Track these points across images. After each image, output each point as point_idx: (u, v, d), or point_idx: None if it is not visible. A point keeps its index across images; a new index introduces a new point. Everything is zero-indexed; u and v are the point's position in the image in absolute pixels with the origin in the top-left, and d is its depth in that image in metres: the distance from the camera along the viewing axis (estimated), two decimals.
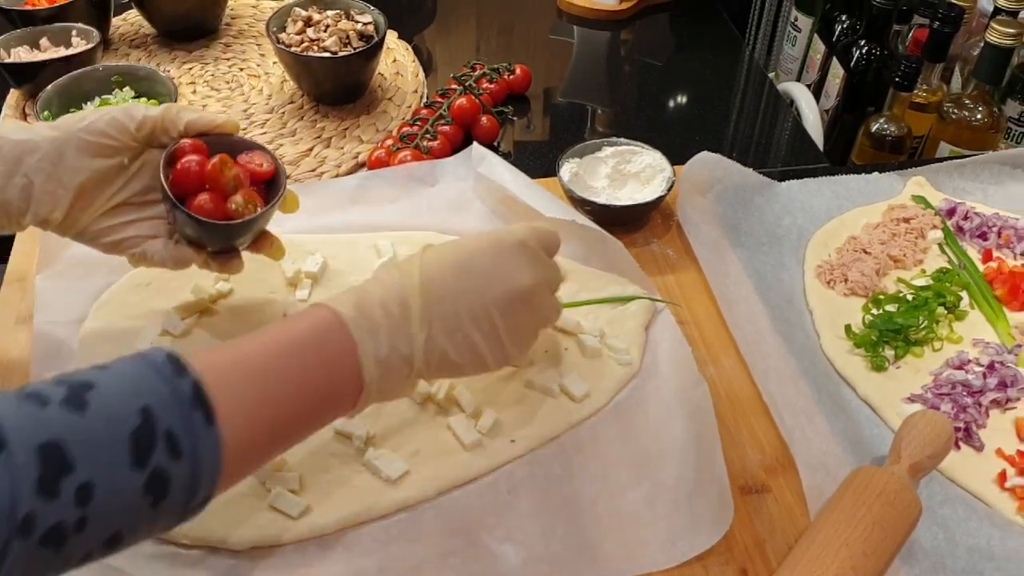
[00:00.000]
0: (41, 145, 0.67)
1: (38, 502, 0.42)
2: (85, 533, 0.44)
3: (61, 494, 0.43)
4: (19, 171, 0.67)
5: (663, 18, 1.43)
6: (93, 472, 0.44)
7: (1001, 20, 1.02)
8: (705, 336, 0.83)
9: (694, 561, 0.65)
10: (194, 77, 1.20)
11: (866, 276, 0.88)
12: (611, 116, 1.22)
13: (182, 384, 0.48)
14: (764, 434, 0.74)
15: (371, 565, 0.64)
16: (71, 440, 0.44)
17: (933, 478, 0.72)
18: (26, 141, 0.67)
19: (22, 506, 0.42)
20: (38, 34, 1.12)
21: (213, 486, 0.50)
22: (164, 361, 0.49)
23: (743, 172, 0.96)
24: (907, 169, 1.03)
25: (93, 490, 0.44)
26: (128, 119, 0.69)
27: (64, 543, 0.44)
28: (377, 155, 1.04)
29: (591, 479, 0.70)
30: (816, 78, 1.37)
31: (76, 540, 0.44)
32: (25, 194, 0.67)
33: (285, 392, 0.54)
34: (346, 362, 0.57)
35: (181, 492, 0.48)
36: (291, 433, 0.56)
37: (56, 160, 0.67)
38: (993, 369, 0.80)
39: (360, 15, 1.13)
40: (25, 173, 0.67)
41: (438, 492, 0.69)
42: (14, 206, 0.67)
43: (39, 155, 0.67)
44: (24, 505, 0.42)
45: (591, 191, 0.93)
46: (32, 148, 0.67)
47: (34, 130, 0.68)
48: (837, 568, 0.60)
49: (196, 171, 0.70)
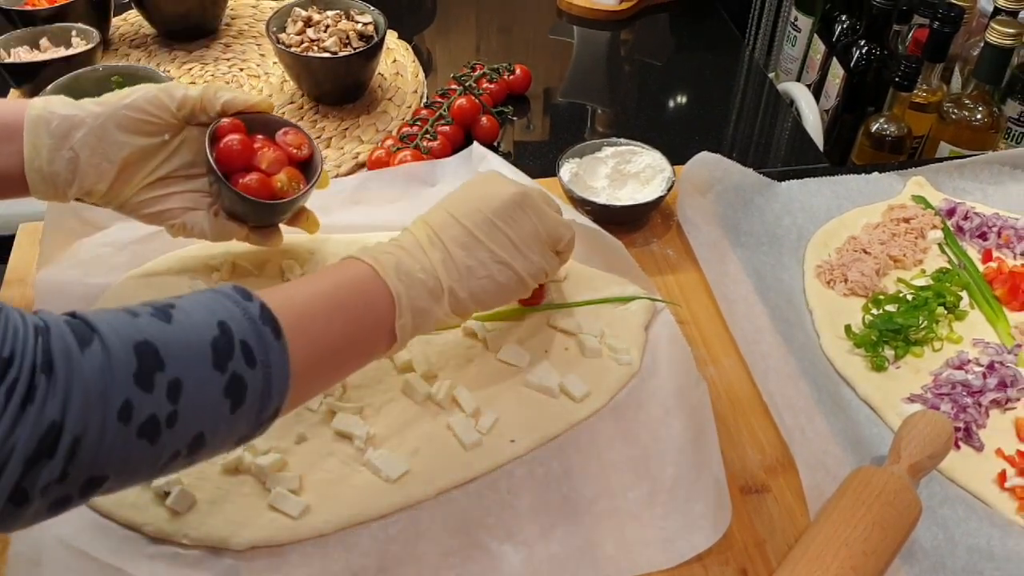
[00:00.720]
0: (87, 120, 0.71)
1: (136, 392, 0.46)
2: (175, 429, 0.48)
3: (155, 388, 0.47)
4: (66, 145, 0.70)
5: (663, 18, 1.43)
6: (182, 371, 0.48)
7: (1001, 20, 1.02)
8: (705, 336, 0.83)
9: (693, 561, 0.65)
10: (194, 77, 1.20)
11: (866, 276, 0.88)
12: (611, 116, 1.22)
13: (251, 307, 0.53)
14: (764, 434, 0.74)
15: (371, 565, 0.64)
16: (161, 342, 0.48)
17: (933, 478, 0.72)
18: (73, 116, 0.70)
19: (119, 392, 0.45)
20: (38, 34, 1.12)
21: (283, 398, 0.54)
22: (232, 290, 0.54)
23: (743, 172, 0.96)
24: (907, 169, 1.03)
25: (183, 387, 0.48)
26: (169, 98, 0.73)
27: (158, 436, 0.47)
28: (377, 155, 1.04)
29: (591, 479, 0.70)
30: (816, 78, 1.37)
31: (168, 435, 0.48)
32: (72, 166, 0.71)
33: (332, 320, 0.58)
34: (372, 282, 0.63)
35: (256, 398, 0.52)
36: (346, 357, 0.61)
37: (101, 135, 0.71)
38: (993, 369, 0.80)
39: (360, 15, 1.13)
40: (72, 147, 0.70)
41: (438, 492, 0.69)
42: (61, 178, 0.71)
43: (85, 130, 0.70)
44: (122, 392, 0.45)
45: (591, 191, 0.93)
46: (79, 123, 0.70)
47: (80, 106, 0.72)
48: (837, 568, 0.60)
49: (239, 150, 0.75)
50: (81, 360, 0.45)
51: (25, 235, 0.89)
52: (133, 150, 0.72)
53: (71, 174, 0.71)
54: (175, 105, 0.73)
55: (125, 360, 0.46)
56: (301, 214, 0.82)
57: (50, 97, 0.72)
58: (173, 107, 0.73)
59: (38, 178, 0.70)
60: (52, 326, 0.45)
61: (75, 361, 0.44)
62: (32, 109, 0.70)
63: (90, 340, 0.46)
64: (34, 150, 0.70)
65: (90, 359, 0.45)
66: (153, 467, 0.49)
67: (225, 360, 0.50)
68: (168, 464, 0.50)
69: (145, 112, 0.72)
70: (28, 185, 0.71)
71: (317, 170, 0.79)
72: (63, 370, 0.44)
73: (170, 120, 0.73)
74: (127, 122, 0.71)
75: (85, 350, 0.45)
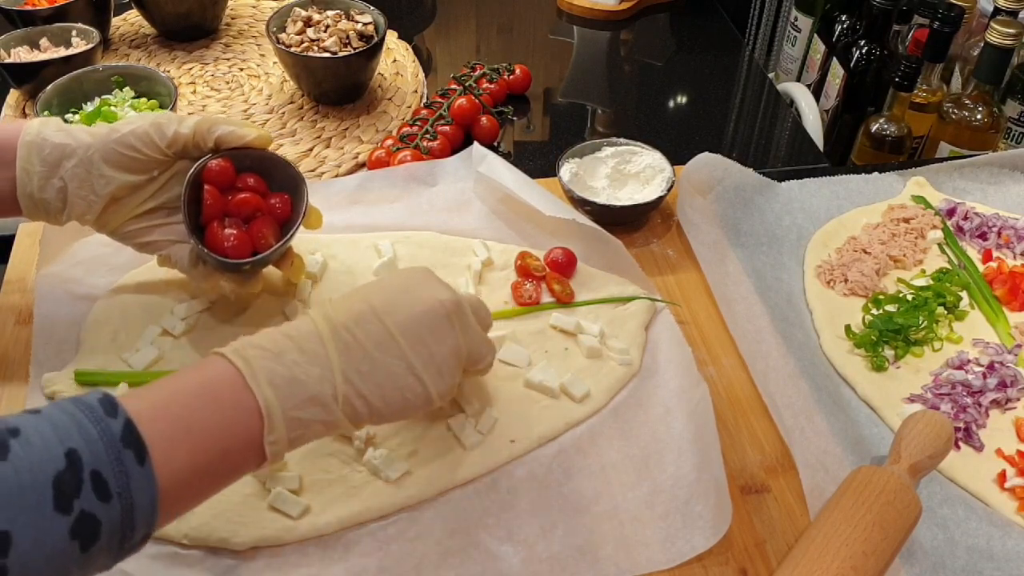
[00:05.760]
0: (77, 151, 0.69)
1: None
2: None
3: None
4: (57, 174, 0.69)
5: (663, 18, 1.43)
6: (12, 522, 0.43)
7: (1001, 20, 1.02)
8: (705, 336, 0.83)
9: (693, 561, 0.65)
10: (194, 77, 1.20)
11: (866, 276, 0.88)
12: (611, 116, 1.22)
13: (113, 425, 0.48)
14: (764, 434, 0.74)
15: (371, 565, 0.64)
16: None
17: (933, 478, 0.72)
18: (65, 145, 0.69)
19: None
20: (38, 34, 1.12)
21: (150, 525, 0.49)
22: (96, 403, 0.49)
23: (743, 172, 0.96)
24: (907, 169, 1.03)
25: (12, 540, 0.43)
26: (159, 136, 0.71)
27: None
28: (377, 155, 1.04)
29: (591, 479, 0.70)
30: (816, 78, 1.37)
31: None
32: (62, 195, 0.70)
33: (208, 430, 0.52)
34: (238, 391, 0.54)
35: (114, 532, 0.47)
36: (221, 472, 0.54)
37: (89, 167, 0.70)
38: (993, 369, 0.80)
39: (360, 15, 1.13)
40: (62, 176, 0.69)
41: (438, 492, 0.69)
42: (52, 205, 0.70)
43: (75, 160, 0.69)
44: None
45: (591, 191, 0.93)
46: (70, 153, 0.69)
47: (73, 134, 0.70)
48: (837, 568, 0.60)
49: (216, 204, 0.72)
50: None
51: (25, 235, 0.89)
52: (120, 185, 0.70)
53: (61, 202, 0.70)
54: (165, 143, 0.70)
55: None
56: (286, 259, 0.77)
57: (47, 120, 0.71)
58: (163, 145, 0.70)
59: (30, 203, 0.70)
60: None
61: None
62: (26, 134, 0.69)
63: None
64: (26, 176, 0.69)
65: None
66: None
67: (70, 499, 0.45)
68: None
69: (133, 149, 0.70)
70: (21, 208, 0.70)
71: (298, 219, 0.75)
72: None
73: (159, 157, 0.71)
74: (115, 157, 0.70)
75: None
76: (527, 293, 0.83)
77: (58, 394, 0.73)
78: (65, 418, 0.47)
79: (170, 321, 0.79)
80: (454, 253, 0.88)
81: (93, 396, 0.49)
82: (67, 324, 0.79)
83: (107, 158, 0.70)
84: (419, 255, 0.87)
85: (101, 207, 0.71)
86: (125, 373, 0.75)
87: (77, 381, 0.74)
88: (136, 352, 0.77)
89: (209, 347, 0.77)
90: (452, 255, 0.88)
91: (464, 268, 0.86)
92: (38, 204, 0.70)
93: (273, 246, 0.74)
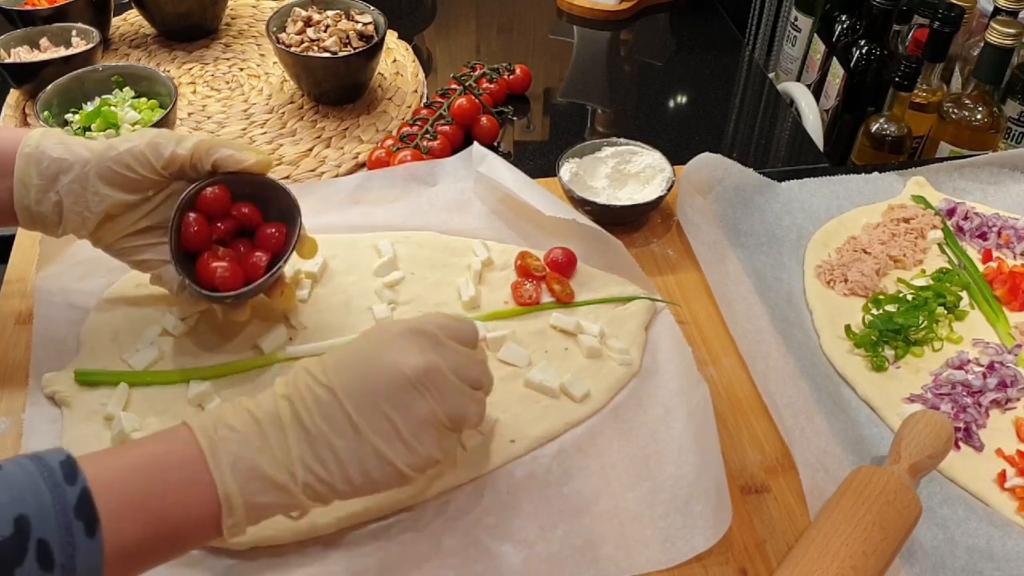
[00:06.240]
0: (74, 166, 0.69)
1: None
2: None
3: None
4: (54, 188, 0.69)
5: (663, 18, 1.43)
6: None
7: (1001, 20, 1.02)
8: (705, 336, 0.83)
9: (694, 561, 0.65)
10: (194, 77, 1.20)
11: (866, 276, 0.88)
12: (611, 116, 1.22)
13: (69, 493, 0.47)
14: (764, 434, 0.74)
15: (371, 565, 0.64)
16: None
17: (933, 478, 0.72)
18: (62, 160, 0.69)
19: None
20: (38, 34, 1.12)
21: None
22: (58, 465, 0.48)
23: (743, 172, 0.96)
24: (907, 169, 1.03)
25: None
26: (156, 157, 0.70)
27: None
28: (377, 155, 1.04)
29: (591, 479, 0.70)
30: (816, 78, 1.37)
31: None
32: (58, 209, 0.70)
33: (166, 506, 0.52)
34: (199, 472, 0.53)
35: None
36: (172, 545, 0.53)
37: (84, 184, 0.69)
38: (993, 369, 0.80)
39: (360, 15, 1.13)
40: (58, 191, 0.69)
41: (438, 492, 0.69)
42: (49, 219, 0.70)
43: (71, 176, 0.69)
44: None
45: (591, 191, 0.93)
46: (67, 167, 0.69)
47: (71, 148, 0.70)
48: (837, 568, 0.60)
49: (200, 233, 0.72)
50: None
51: (25, 235, 0.89)
52: (115, 203, 0.70)
53: (57, 216, 0.70)
54: (161, 164, 0.70)
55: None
56: (276, 288, 0.76)
57: (47, 132, 0.71)
58: (159, 166, 0.70)
59: (26, 215, 0.70)
60: None
61: None
62: (26, 146, 0.69)
63: None
64: (24, 188, 0.69)
65: None
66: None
67: (11, 567, 0.44)
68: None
69: (129, 168, 0.69)
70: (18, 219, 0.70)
71: (288, 250, 0.74)
72: None
73: (154, 178, 0.70)
74: (110, 175, 0.69)
75: None
76: (527, 293, 0.84)
77: (58, 394, 0.73)
78: (23, 479, 0.47)
79: (170, 321, 0.79)
80: (454, 253, 0.88)
81: (55, 458, 0.49)
82: (67, 324, 0.79)
83: (102, 175, 0.69)
84: (419, 255, 0.87)
85: (95, 223, 0.70)
86: (125, 373, 0.75)
87: (77, 381, 0.74)
88: (136, 352, 0.77)
89: (209, 347, 0.78)
90: (452, 255, 0.88)
91: (464, 268, 0.86)
92: (34, 216, 0.70)
93: (261, 278, 0.72)
